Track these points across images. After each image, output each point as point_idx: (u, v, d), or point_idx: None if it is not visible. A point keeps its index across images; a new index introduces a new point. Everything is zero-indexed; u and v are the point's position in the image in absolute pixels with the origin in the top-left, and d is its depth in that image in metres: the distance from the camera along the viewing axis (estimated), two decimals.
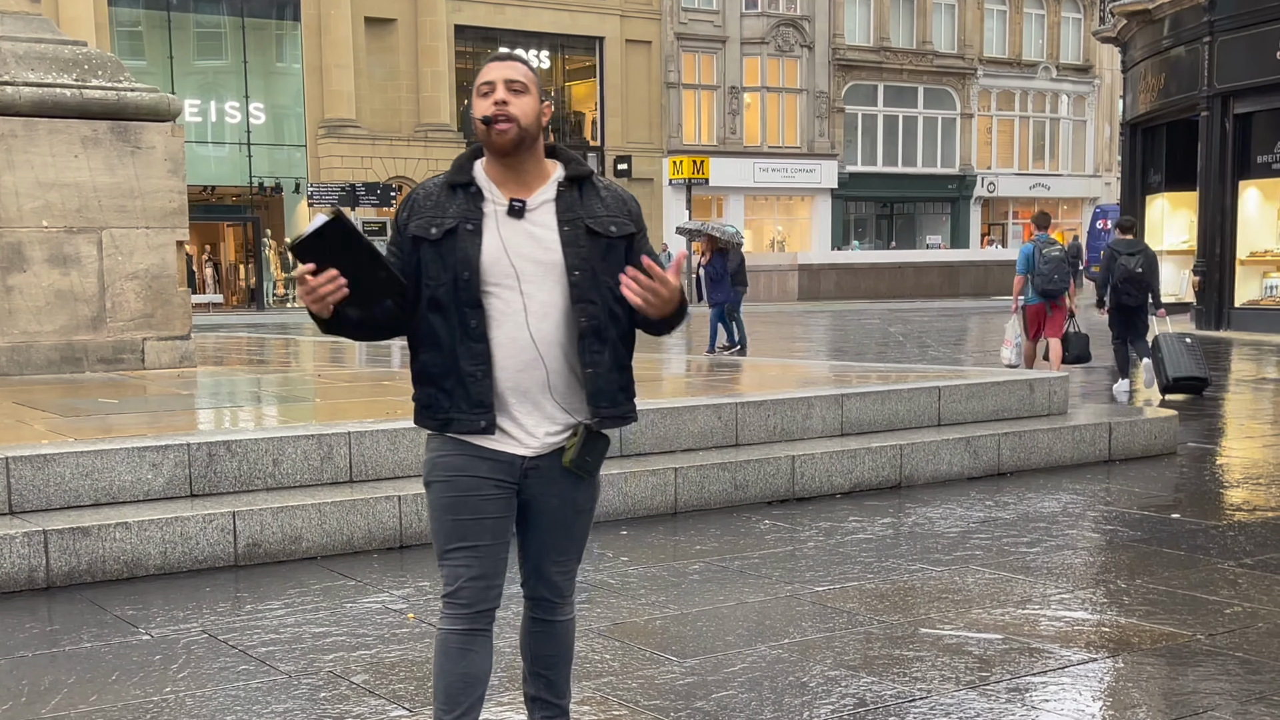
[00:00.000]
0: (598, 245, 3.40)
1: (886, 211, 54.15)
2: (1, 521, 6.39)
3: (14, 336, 10.63)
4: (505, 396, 3.40)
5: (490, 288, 3.35)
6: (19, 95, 10.65)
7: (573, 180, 3.46)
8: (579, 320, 3.37)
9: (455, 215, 3.37)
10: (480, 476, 3.43)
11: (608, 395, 3.44)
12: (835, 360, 18.38)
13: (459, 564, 3.46)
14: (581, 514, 3.59)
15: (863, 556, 6.95)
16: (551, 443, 3.44)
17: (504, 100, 3.32)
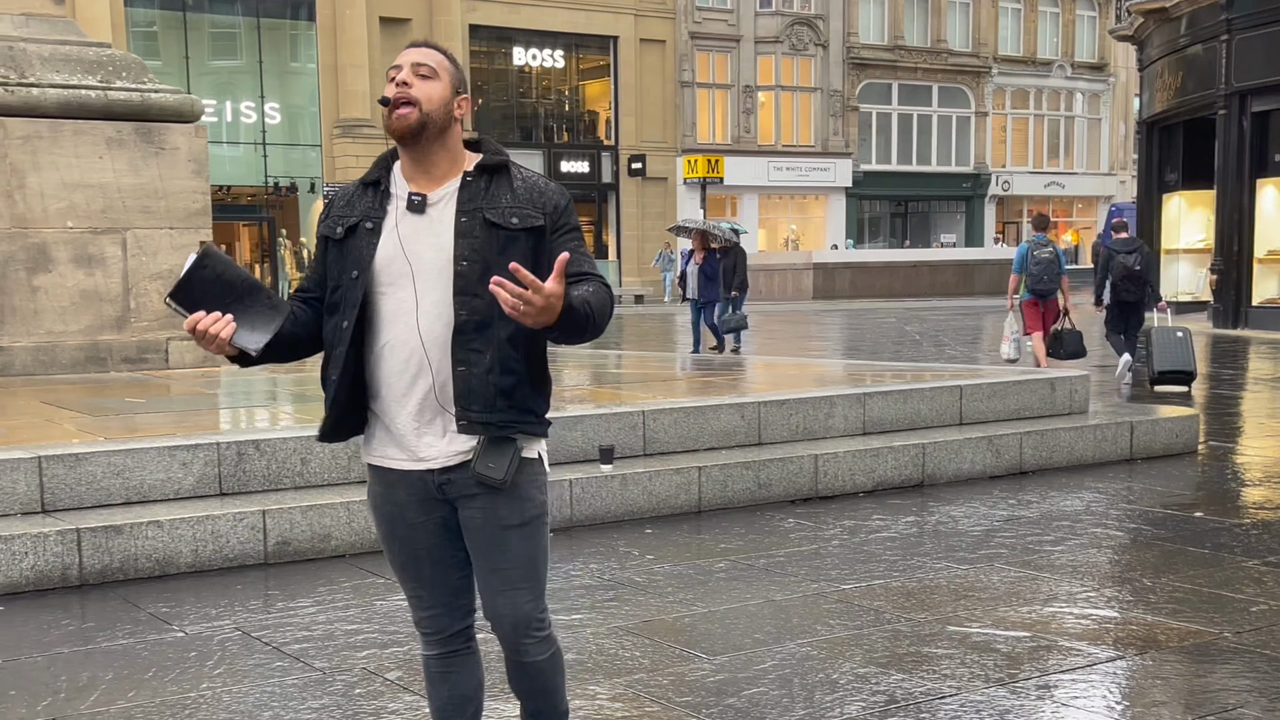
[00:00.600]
0: (495, 238, 3.13)
1: (901, 210, 54.13)
2: (35, 520, 6.46)
3: (40, 336, 10.71)
4: (396, 405, 3.18)
5: (384, 288, 3.15)
6: (44, 97, 10.73)
7: (483, 170, 3.21)
8: (457, 314, 3.10)
9: (360, 213, 3.21)
10: (399, 503, 3.25)
11: (481, 398, 3.11)
12: (852, 359, 18.40)
13: (411, 594, 3.37)
14: (510, 529, 3.22)
15: (887, 555, 6.98)
16: (455, 452, 3.18)
17: (406, 82, 3.14)
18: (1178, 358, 14.33)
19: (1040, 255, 14.72)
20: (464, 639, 3.41)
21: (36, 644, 5.47)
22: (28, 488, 6.56)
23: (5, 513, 6.49)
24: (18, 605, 6.05)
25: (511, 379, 3.14)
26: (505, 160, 3.23)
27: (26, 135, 10.55)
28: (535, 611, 3.30)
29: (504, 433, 3.14)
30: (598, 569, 6.73)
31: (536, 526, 3.27)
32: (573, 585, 6.40)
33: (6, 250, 10.51)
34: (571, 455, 8.02)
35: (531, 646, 3.31)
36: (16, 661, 5.25)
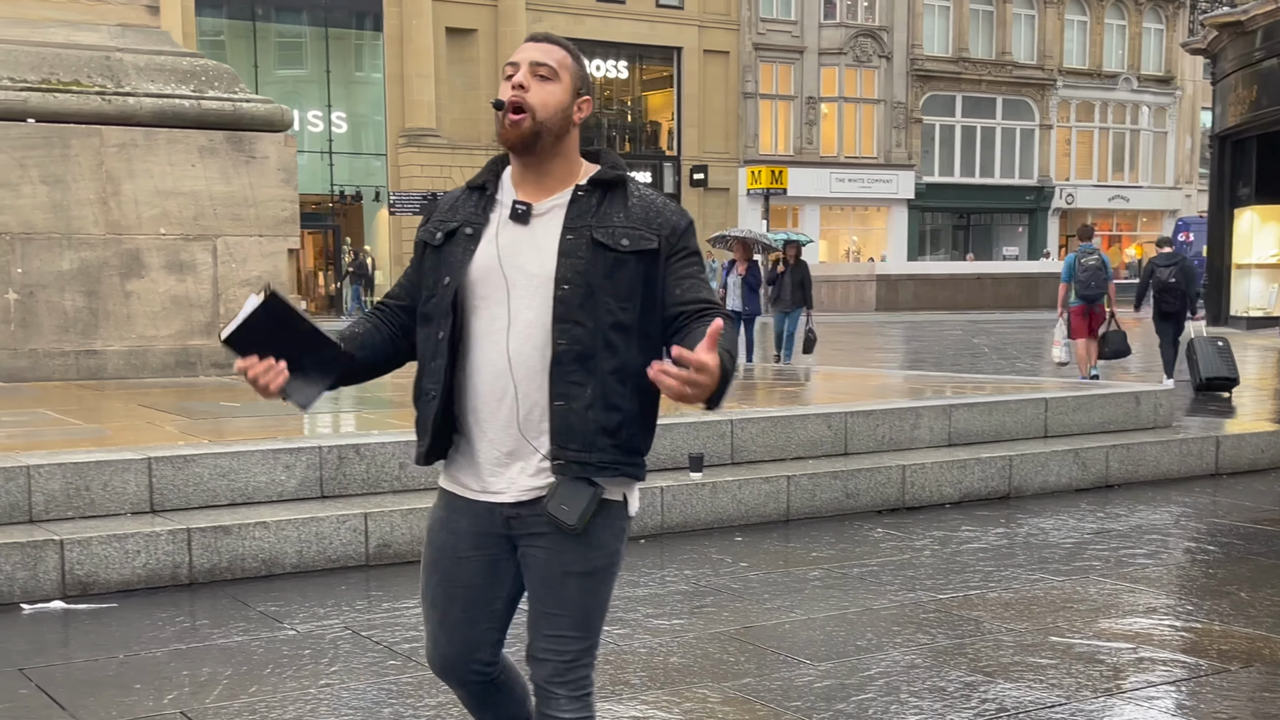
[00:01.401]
0: (602, 259, 2.84)
1: (963, 222, 53.91)
2: (145, 519, 6.61)
3: (132, 340, 10.92)
4: (478, 430, 2.93)
5: (478, 300, 2.90)
6: (140, 106, 10.95)
7: (597, 184, 2.92)
8: (556, 343, 2.82)
9: (461, 219, 2.96)
10: (457, 532, 2.99)
11: (580, 437, 2.83)
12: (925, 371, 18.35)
13: (429, 632, 3.10)
14: (572, 576, 2.92)
15: (981, 565, 7.01)
16: (530, 486, 2.90)
17: (523, 85, 2.86)
18: (1221, 365, 15.22)
19: (1087, 263, 15.58)
20: (482, 678, 3.11)
21: (154, 640, 5.61)
22: (138, 488, 6.71)
23: (116, 512, 6.64)
24: (131, 602, 6.19)
25: (616, 416, 2.86)
26: (622, 175, 2.95)
27: (122, 143, 10.77)
28: (578, 666, 2.97)
29: (603, 475, 2.86)
30: (692, 575, 6.80)
31: (602, 577, 2.96)
32: (670, 591, 6.48)
33: (101, 256, 10.73)
34: (661, 463, 8.09)
35: (565, 702, 2.96)
36: (137, 656, 5.38)
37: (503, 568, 2.99)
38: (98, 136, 10.71)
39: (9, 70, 10.71)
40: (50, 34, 11.13)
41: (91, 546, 6.28)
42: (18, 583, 6.10)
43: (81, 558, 6.25)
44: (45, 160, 10.52)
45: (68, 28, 11.26)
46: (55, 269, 10.57)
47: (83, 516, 6.56)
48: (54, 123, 10.62)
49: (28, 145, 10.47)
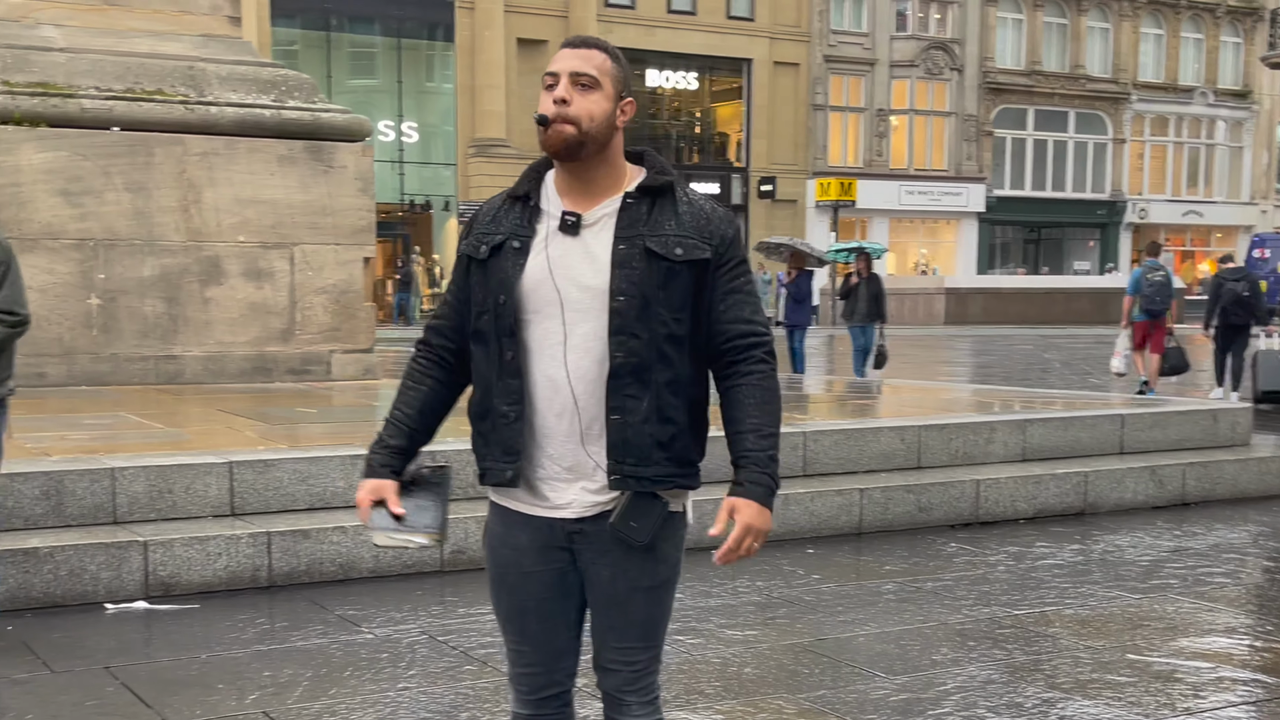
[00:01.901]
0: (656, 269, 2.81)
1: (1034, 236, 53.44)
2: (226, 522, 6.71)
3: (210, 346, 11.08)
4: (540, 445, 2.89)
5: (530, 315, 2.85)
6: (222, 115, 11.13)
7: (646, 191, 2.88)
8: (612, 356, 2.80)
9: (506, 231, 2.89)
10: (519, 548, 2.95)
11: (636, 450, 2.82)
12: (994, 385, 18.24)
13: (511, 648, 3.08)
14: (639, 591, 2.93)
15: (1056, 582, 6.97)
16: (594, 502, 2.87)
17: (564, 98, 2.82)
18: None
19: (1153, 279, 16.17)
20: (559, 702, 3.08)
21: (235, 641, 5.69)
22: (219, 491, 6.81)
23: (198, 515, 6.75)
24: (212, 603, 6.29)
25: (671, 429, 2.85)
26: (671, 180, 2.91)
27: (204, 152, 10.94)
28: (647, 673, 3.01)
29: (659, 487, 2.85)
30: (764, 586, 6.81)
31: (665, 588, 2.98)
32: (742, 602, 6.49)
33: (182, 263, 10.90)
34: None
35: (636, 708, 3.00)
36: (219, 656, 5.47)
37: (570, 579, 2.97)
38: (180, 145, 10.89)
39: (95, 80, 10.92)
40: (136, 44, 11.34)
41: (174, 548, 6.39)
42: (102, 582, 6.22)
43: (164, 559, 6.36)
44: (129, 168, 10.72)
45: (153, 38, 11.46)
46: (137, 275, 10.75)
47: (165, 518, 6.67)
48: (138, 131, 10.81)
49: (112, 153, 10.66)
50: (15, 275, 5.40)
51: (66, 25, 11.23)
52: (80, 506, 6.47)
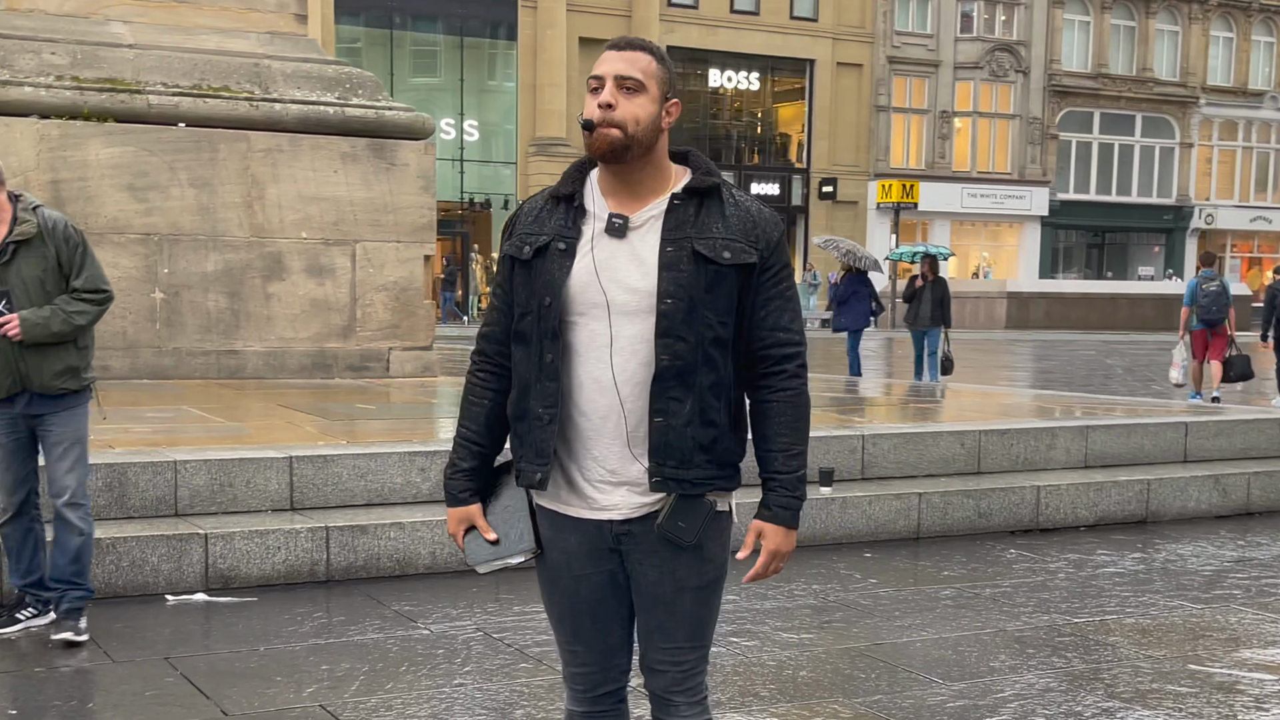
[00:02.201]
0: (703, 272, 2.81)
1: (1098, 241, 52.90)
2: (285, 516, 6.76)
3: (271, 342, 11.16)
4: (585, 447, 2.89)
5: (575, 317, 2.85)
6: (286, 112, 11.22)
7: (692, 192, 2.88)
8: (659, 358, 2.80)
9: (550, 232, 2.89)
10: (569, 551, 2.96)
11: (678, 453, 2.83)
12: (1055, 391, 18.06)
13: (564, 647, 3.10)
14: (686, 591, 2.94)
15: (1117, 590, 6.89)
16: (641, 503, 2.89)
17: (609, 102, 2.81)
18: None
19: (1209, 289, 16.31)
20: (614, 699, 3.11)
21: (293, 634, 5.74)
22: (279, 486, 6.87)
23: (258, 509, 6.81)
24: (270, 596, 6.34)
25: (712, 431, 2.86)
26: (717, 182, 2.90)
27: (268, 149, 11.03)
28: (695, 673, 3.03)
29: (699, 489, 2.86)
30: (820, 590, 6.77)
31: (713, 588, 3.00)
32: (798, 605, 6.46)
33: (245, 258, 11.00)
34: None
35: (684, 709, 3.02)
36: (276, 649, 5.51)
37: (620, 579, 2.98)
38: (245, 141, 10.98)
39: (162, 76, 11.03)
40: (202, 41, 11.45)
41: (234, 541, 6.44)
42: (163, 574, 6.29)
43: (224, 552, 6.41)
44: (194, 164, 10.82)
45: (219, 35, 11.57)
46: (200, 270, 10.86)
47: (226, 512, 6.73)
48: (204, 127, 10.91)
49: (178, 149, 10.77)
50: (93, 255, 5.59)
51: (135, 22, 11.36)
52: (142, 499, 6.55)
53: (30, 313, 5.35)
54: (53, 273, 5.45)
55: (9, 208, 5.46)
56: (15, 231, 5.41)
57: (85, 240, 5.59)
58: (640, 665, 3.06)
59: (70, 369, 5.50)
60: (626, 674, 3.11)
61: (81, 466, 5.60)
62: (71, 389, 5.52)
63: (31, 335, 5.34)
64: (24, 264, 5.41)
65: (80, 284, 5.48)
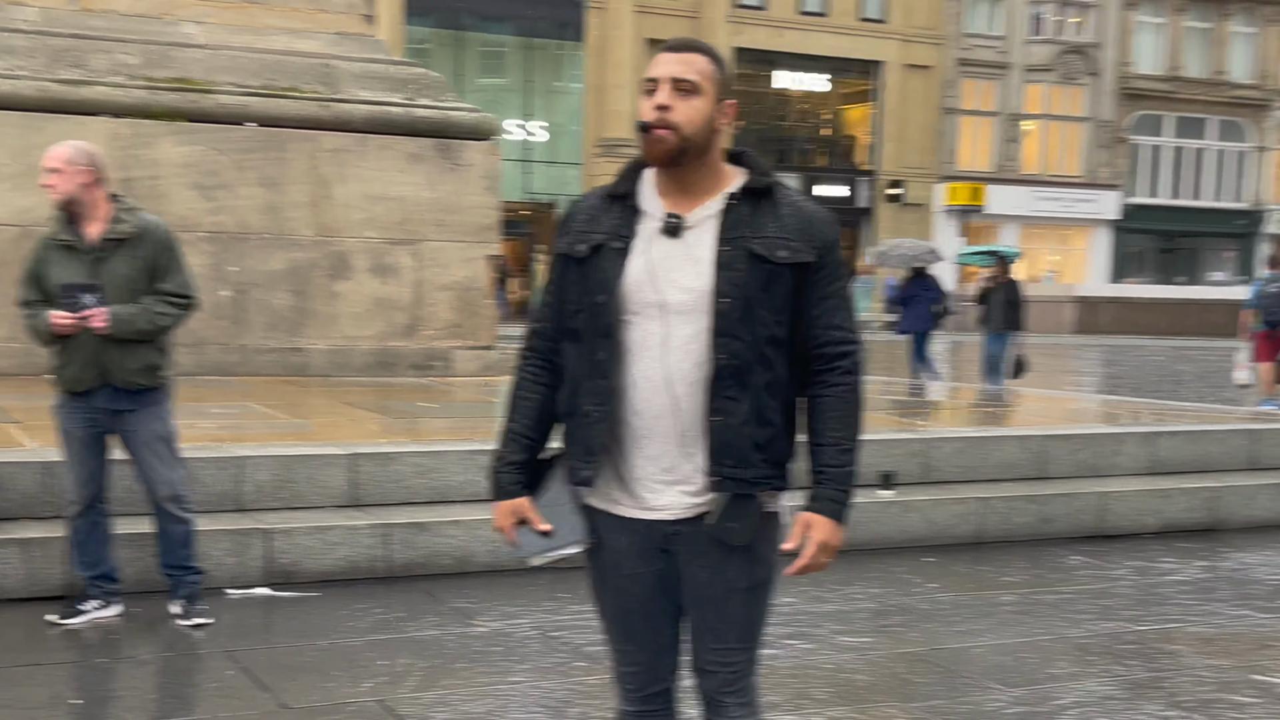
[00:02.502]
0: (759, 272, 2.83)
1: (1169, 245, 52.21)
2: (347, 512, 6.82)
3: (335, 340, 11.26)
4: (638, 447, 2.90)
5: (631, 316, 2.86)
6: (354, 112, 11.32)
7: (748, 192, 2.88)
8: (716, 358, 2.82)
9: (605, 231, 2.90)
10: (619, 551, 2.97)
11: (736, 452, 2.84)
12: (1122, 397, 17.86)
13: (615, 646, 3.13)
14: (736, 593, 2.96)
15: (1181, 599, 6.80)
16: (692, 504, 2.89)
17: (665, 104, 2.81)
18: None
19: (1270, 290, 15.98)
20: (664, 699, 3.13)
21: (353, 629, 5.79)
22: (341, 482, 6.93)
23: (320, 505, 6.87)
24: (331, 591, 6.39)
25: (769, 431, 2.87)
26: (773, 182, 2.91)
27: (335, 149, 11.14)
28: (745, 674, 3.05)
29: (756, 489, 2.88)
30: (879, 594, 6.74)
31: (763, 589, 3.01)
32: (856, 608, 6.43)
33: (311, 257, 11.11)
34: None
35: (734, 709, 3.04)
36: (336, 644, 5.56)
37: (671, 579, 2.99)
38: (313, 141, 11.09)
39: (233, 76, 11.17)
40: (272, 41, 11.58)
41: (296, 536, 6.51)
42: (225, 568, 6.36)
43: (286, 547, 6.48)
44: (263, 163, 10.94)
45: (289, 35, 11.70)
46: (267, 268, 10.98)
47: (288, 507, 6.79)
48: (272, 127, 11.03)
49: (247, 149, 10.90)
50: (184, 261, 5.73)
51: (207, 22, 11.51)
52: (207, 493, 6.61)
53: (118, 308, 5.49)
54: (143, 274, 5.59)
55: (108, 206, 5.62)
56: (113, 230, 5.57)
57: (178, 246, 5.75)
58: (691, 667, 3.07)
59: (150, 366, 5.62)
60: (676, 674, 3.12)
61: (173, 461, 5.73)
62: (150, 385, 5.62)
63: (117, 330, 5.47)
64: (117, 262, 5.56)
65: (169, 288, 5.62)
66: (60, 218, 5.61)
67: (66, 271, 5.51)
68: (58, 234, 5.60)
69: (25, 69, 10.52)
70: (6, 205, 10.17)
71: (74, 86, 10.58)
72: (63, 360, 5.58)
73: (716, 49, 2.94)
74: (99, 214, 5.60)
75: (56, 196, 5.54)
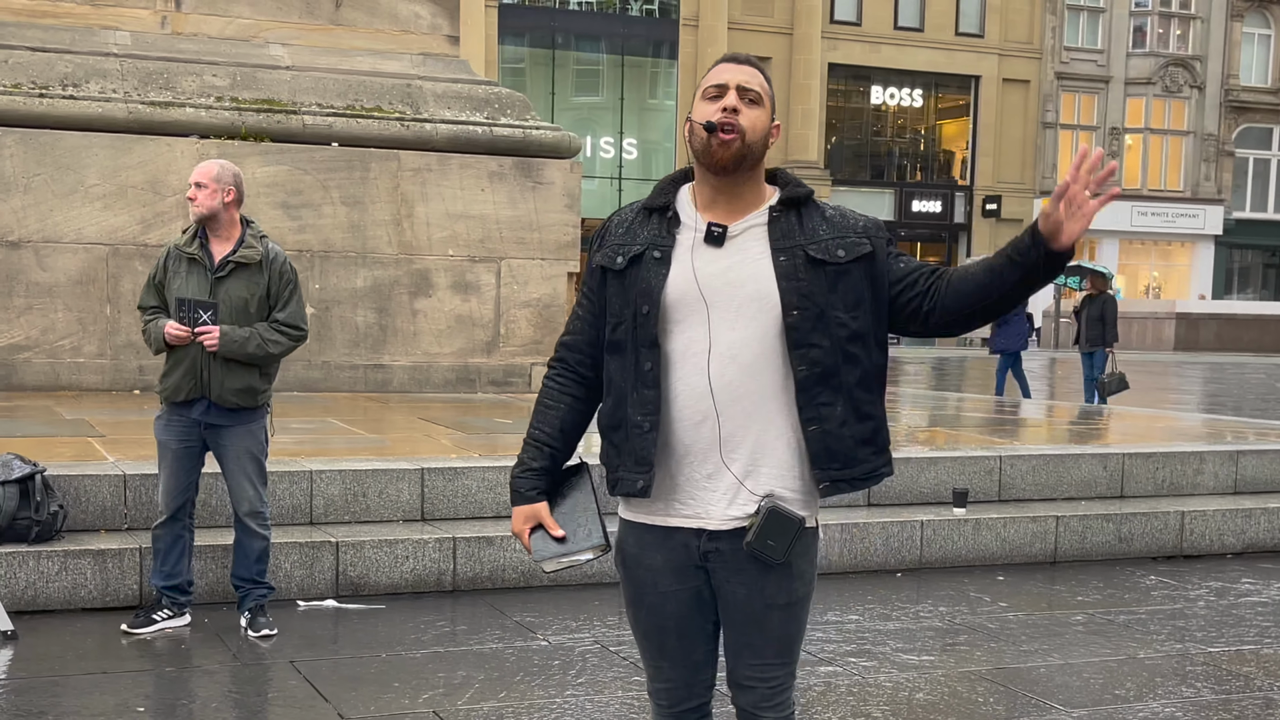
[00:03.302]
0: (823, 275, 2.86)
1: (1274, 261, 51.09)
2: (415, 527, 6.90)
3: (416, 356, 11.40)
4: (677, 458, 2.90)
5: (673, 325, 2.88)
6: (436, 132, 11.46)
7: (788, 203, 2.93)
8: (796, 369, 2.84)
9: (644, 241, 2.92)
10: (654, 568, 2.97)
11: (842, 454, 2.88)
12: (1216, 415, 17.52)
13: (649, 663, 3.12)
14: (775, 609, 2.95)
15: (1258, 620, 6.65)
16: (731, 518, 2.89)
17: (735, 108, 2.85)
18: None
19: None
20: (699, 714, 3.13)
21: (415, 642, 5.85)
22: (410, 497, 7.01)
23: (390, 519, 6.96)
24: (397, 604, 6.47)
25: (871, 424, 2.92)
26: (810, 191, 2.98)
27: (418, 168, 11.28)
28: (783, 689, 3.03)
29: (866, 484, 2.94)
30: (947, 612, 6.67)
31: (801, 605, 3.00)
32: (922, 626, 6.37)
33: (393, 275, 11.26)
34: (923, 497, 7.98)
35: None
36: (399, 656, 5.63)
37: (706, 595, 2.99)
38: (395, 161, 11.25)
39: (317, 97, 11.37)
40: (357, 62, 11.76)
41: (364, 550, 6.60)
42: (295, 580, 6.46)
43: (355, 560, 6.57)
44: (346, 183, 11.12)
45: (374, 56, 11.88)
46: (350, 286, 11.14)
47: (358, 521, 6.90)
48: (356, 147, 11.21)
49: (330, 168, 11.08)
50: (300, 294, 5.93)
51: (293, 44, 11.72)
52: (279, 507, 6.73)
53: (231, 329, 5.66)
54: (259, 299, 5.76)
55: (240, 228, 5.81)
56: (239, 254, 5.76)
57: (297, 279, 5.93)
58: (728, 682, 3.08)
59: (249, 389, 5.77)
60: (711, 689, 3.12)
61: (259, 479, 5.87)
62: (246, 406, 5.76)
63: (226, 350, 5.64)
64: (236, 284, 5.73)
65: (283, 317, 5.80)
66: (193, 231, 5.79)
67: (188, 285, 5.69)
68: (186, 247, 5.77)
69: (116, 91, 10.79)
70: (97, 224, 10.43)
71: (163, 109, 10.83)
72: (167, 369, 5.76)
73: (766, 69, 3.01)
74: (231, 234, 5.78)
75: (198, 210, 5.72)
